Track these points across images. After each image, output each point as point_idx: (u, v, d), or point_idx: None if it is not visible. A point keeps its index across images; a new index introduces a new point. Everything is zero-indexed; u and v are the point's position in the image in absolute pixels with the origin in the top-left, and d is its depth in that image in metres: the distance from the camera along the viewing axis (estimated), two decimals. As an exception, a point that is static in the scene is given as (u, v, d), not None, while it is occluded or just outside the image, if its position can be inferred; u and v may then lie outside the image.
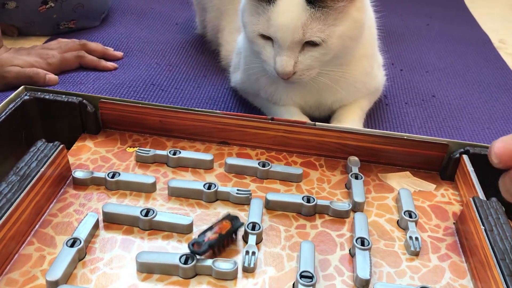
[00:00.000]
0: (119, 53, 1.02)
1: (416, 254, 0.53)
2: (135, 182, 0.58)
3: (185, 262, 0.47)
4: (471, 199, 0.55)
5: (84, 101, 0.65)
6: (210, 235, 0.49)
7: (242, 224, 0.52)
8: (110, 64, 0.97)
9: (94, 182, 0.58)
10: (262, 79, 0.79)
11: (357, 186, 0.60)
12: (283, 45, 0.68)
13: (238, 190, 0.58)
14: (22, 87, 0.66)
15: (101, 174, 0.58)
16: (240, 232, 0.52)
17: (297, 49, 0.69)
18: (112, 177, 0.58)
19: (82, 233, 0.50)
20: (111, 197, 0.57)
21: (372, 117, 0.88)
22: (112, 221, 0.53)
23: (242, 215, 0.56)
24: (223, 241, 0.50)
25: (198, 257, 0.48)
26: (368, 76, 0.80)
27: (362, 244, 0.51)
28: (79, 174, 0.58)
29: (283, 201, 0.57)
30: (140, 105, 0.65)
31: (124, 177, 0.58)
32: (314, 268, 0.48)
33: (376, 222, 0.57)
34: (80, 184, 0.58)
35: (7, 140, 0.62)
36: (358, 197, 0.58)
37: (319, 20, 0.66)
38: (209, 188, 0.57)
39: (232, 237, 0.51)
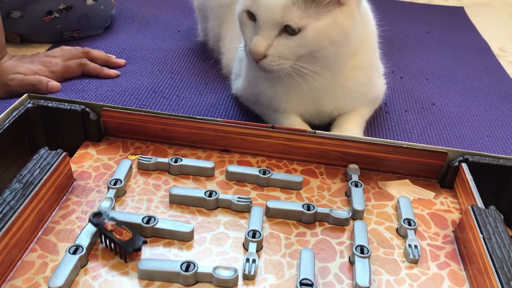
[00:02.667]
0: (121, 61, 1.03)
1: (415, 262, 0.53)
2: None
3: (186, 270, 0.48)
4: (469, 208, 0.55)
5: (87, 109, 0.66)
6: (111, 225, 0.50)
7: (132, 251, 0.49)
8: (112, 72, 0.98)
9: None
10: (261, 84, 0.80)
11: (357, 194, 0.60)
12: (262, 24, 0.68)
13: (238, 197, 0.58)
14: (25, 95, 0.67)
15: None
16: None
17: (274, 32, 0.68)
18: (114, 184, 0.58)
19: (84, 240, 0.50)
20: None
21: (372, 124, 0.89)
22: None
23: (242, 223, 0.56)
24: (112, 240, 0.50)
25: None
26: (366, 87, 0.81)
27: (362, 252, 0.52)
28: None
29: (284, 209, 0.58)
30: (142, 113, 0.66)
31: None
32: (314, 276, 0.48)
33: (375, 230, 0.57)
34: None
35: (11, 147, 0.62)
36: (358, 205, 0.59)
37: (301, 7, 0.66)
38: (210, 195, 0.58)
39: (118, 247, 0.50)
